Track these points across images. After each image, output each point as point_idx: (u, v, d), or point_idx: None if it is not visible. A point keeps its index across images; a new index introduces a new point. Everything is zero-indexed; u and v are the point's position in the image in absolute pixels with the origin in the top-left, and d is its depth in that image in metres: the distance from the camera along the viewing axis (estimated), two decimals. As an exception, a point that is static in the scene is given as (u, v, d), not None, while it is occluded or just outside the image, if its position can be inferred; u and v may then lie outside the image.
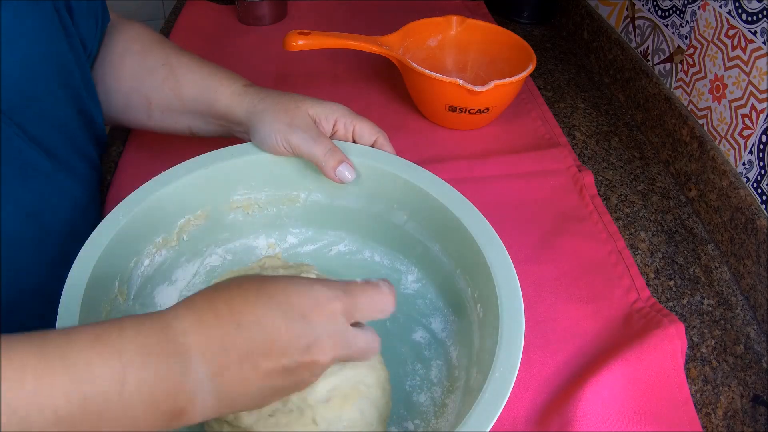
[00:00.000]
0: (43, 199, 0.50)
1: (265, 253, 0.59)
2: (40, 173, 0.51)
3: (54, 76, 0.53)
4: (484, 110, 0.74)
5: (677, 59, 0.75)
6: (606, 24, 0.92)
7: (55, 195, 0.52)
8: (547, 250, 0.63)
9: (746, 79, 0.62)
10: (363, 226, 0.58)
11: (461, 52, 0.84)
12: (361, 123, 0.55)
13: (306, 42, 0.74)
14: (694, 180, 0.70)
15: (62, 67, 0.54)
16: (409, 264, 0.57)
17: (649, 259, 0.64)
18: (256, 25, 0.98)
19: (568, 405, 0.49)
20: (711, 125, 0.68)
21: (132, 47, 0.62)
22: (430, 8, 1.02)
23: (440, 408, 0.48)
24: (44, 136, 0.52)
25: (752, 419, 0.52)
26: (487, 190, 0.69)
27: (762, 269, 0.58)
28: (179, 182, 0.51)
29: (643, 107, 0.81)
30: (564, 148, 0.75)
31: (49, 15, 0.52)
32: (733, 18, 0.64)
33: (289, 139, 0.52)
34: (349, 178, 0.52)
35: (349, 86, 0.85)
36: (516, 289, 0.44)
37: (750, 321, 0.59)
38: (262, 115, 0.54)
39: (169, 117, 0.61)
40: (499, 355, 0.40)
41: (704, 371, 0.55)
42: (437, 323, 0.54)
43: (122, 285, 0.48)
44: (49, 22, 0.52)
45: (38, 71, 0.51)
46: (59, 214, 0.52)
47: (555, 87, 0.90)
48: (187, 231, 0.54)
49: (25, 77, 0.49)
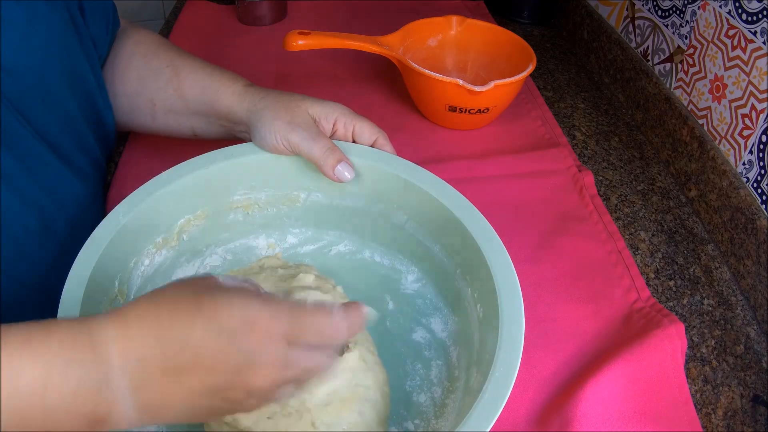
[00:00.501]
0: (46, 192, 0.51)
1: (265, 253, 0.59)
2: (46, 166, 0.51)
3: (65, 75, 0.53)
4: (484, 110, 0.74)
5: (677, 59, 0.75)
6: (606, 24, 0.92)
7: (59, 189, 0.53)
8: (547, 250, 0.63)
9: (746, 79, 0.62)
10: (363, 226, 0.58)
11: (461, 52, 0.84)
12: (361, 123, 0.55)
13: (306, 42, 0.74)
14: (694, 180, 0.70)
15: (73, 67, 0.54)
16: (409, 264, 0.57)
17: (649, 259, 0.64)
18: (256, 25, 0.98)
19: (568, 405, 0.49)
20: (711, 125, 0.69)
21: (139, 51, 0.63)
22: (430, 8, 1.02)
23: (440, 408, 0.48)
24: (51, 131, 0.52)
25: (752, 419, 0.52)
26: (487, 190, 0.69)
27: (762, 269, 0.58)
28: (179, 182, 0.51)
29: (643, 107, 0.81)
30: (564, 148, 0.75)
31: (62, 14, 0.52)
32: (733, 18, 0.64)
33: (289, 137, 0.52)
34: (348, 178, 0.52)
35: (349, 86, 0.85)
36: (516, 289, 0.44)
37: (750, 321, 0.59)
38: (262, 113, 0.54)
39: (173, 119, 0.62)
40: (499, 355, 0.40)
41: (704, 371, 0.55)
42: (437, 323, 0.53)
43: (122, 285, 0.48)
44: (62, 22, 0.52)
45: (49, 69, 0.51)
46: (62, 208, 0.53)
47: (555, 87, 0.90)
48: (187, 231, 0.54)
49: (36, 74, 0.50)
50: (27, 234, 0.49)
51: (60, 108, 0.53)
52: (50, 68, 0.51)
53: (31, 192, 0.49)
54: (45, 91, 0.51)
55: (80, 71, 0.56)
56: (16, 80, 0.48)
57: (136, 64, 0.62)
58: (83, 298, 0.42)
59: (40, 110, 0.50)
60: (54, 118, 0.52)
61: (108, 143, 0.63)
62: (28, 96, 0.49)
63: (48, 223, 0.51)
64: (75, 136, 0.56)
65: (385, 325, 0.54)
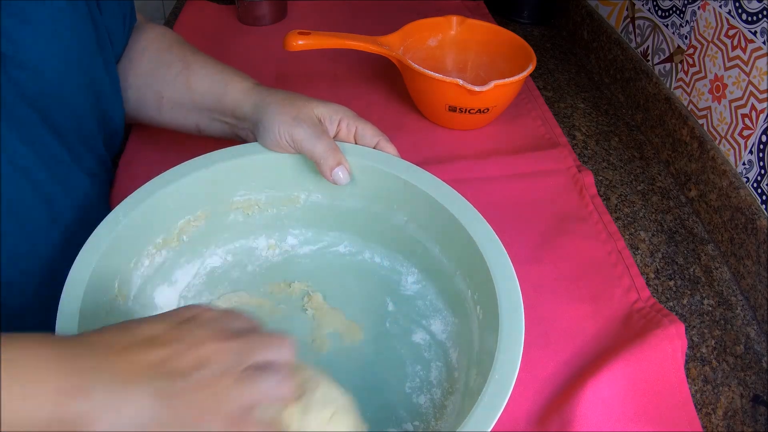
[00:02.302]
0: (57, 184, 0.51)
1: (265, 254, 0.59)
2: (60, 163, 0.52)
3: (82, 76, 0.54)
4: (484, 110, 0.74)
5: (677, 59, 0.75)
6: (606, 24, 0.92)
7: (70, 185, 0.53)
8: (547, 250, 0.63)
9: (746, 79, 0.62)
10: (363, 227, 0.58)
11: (461, 52, 0.84)
12: (363, 125, 0.55)
13: (306, 42, 0.74)
14: (694, 180, 0.70)
15: (90, 67, 0.55)
16: (409, 265, 0.57)
17: (649, 259, 0.64)
18: (256, 25, 0.98)
19: (568, 405, 0.49)
20: (711, 125, 0.68)
21: (153, 45, 0.64)
22: (430, 8, 1.02)
23: (440, 409, 0.48)
24: (63, 127, 0.53)
25: (752, 419, 0.52)
26: (487, 191, 0.69)
27: (762, 269, 0.58)
28: (179, 183, 0.51)
29: (643, 107, 0.81)
30: (564, 148, 0.75)
31: (82, 11, 0.53)
32: (733, 18, 0.64)
33: (293, 132, 0.53)
34: (343, 181, 0.53)
35: (349, 86, 0.85)
36: (516, 290, 0.44)
37: (750, 321, 0.59)
38: (268, 107, 0.55)
39: (179, 112, 0.62)
40: (499, 357, 0.40)
41: (704, 371, 0.55)
42: (437, 324, 0.54)
43: (122, 285, 0.48)
44: (83, 20, 0.53)
45: (69, 69, 0.52)
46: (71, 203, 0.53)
47: (555, 87, 0.90)
48: (188, 231, 0.54)
49: (57, 74, 0.51)
50: (34, 225, 0.49)
51: (73, 107, 0.54)
52: (70, 69, 0.52)
53: (44, 185, 0.50)
54: (62, 91, 0.52)
55: (95, 71, 0.56)
56: (38, 79, 0.49)
57: (148, 58, 0.63)
58: (83, 298, 0.42)
59: (56, 108, 0.51)
60: (67, 116, 0.53)
61: (114, 143, 0.64)
62: (48, 95, 0.50)
63: (55, 216, 0.51)
64: (84, 135, 0.56)
65: (384, 326, 0.54)
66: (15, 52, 0.47)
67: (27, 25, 0.47)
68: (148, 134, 0.73)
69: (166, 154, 0.68)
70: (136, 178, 0.54)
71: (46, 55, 0.49)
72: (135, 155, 0.72)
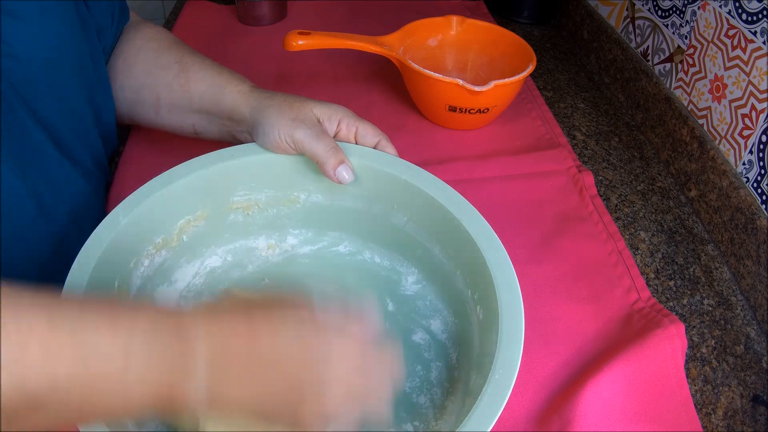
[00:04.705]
0: (44, 180, 0.51)
1: (265, 254, 0.59)
2: (45, 156, 0.52)
3: (76, 68, 0.54)
4: (484, 110, 0.74)
5: (677, 59, 0.75)
6: (606, 24, 0.92)
7: (58, 180, 0.53)
8: (547, 250, 0.63)
9: (746, 79, 0.62)
10: (363, 227, 0.58)
11: (461, 52, 0.84)
12: (363, 125, 0.55)
13: (306, 42, 0.74)
14: (694, 180, 0.70)
15: (78, 60, 0.55)
16: (409, 265, 0.57)
17: (649, 259, 0.64)
18: (256, 25, 0.98)
19: (568, 405, 0.49)
20: (711, 125, 0.68)
21: (148, 45, 0.63)
22: (430, 8, 1.02)
23: (440, 409, 0.48)
24: (55, 124, 0.53)
25: (752, 419, 0.52)
26: (487, 191, 0.69)
27: (762, 269, 0.58)
28: (179, 183, 0.51)
29: (643, 107, 0.81)
30: (564, 149, 0.75)
31: (70, 7, 0.53)
32: (733, 18, 0.64)
33: (293, 134, 0.53)
34: (347, 179, 0.53)
35: (349, 86, 0.85)
36: (516, 290, 0.44)
37: (750, 321, 0.59)
38: (267, 110, 0.55)
39: (176, 115, 0.62)
40: (499, 357, 0.40)
41: (704, 371, 0.55)
42: (437, 325, 0.54)
43: (122, 285, 0.48)
44: (71, 14, 0.53)
45: (60, 61, 0.52)
46: (61, 199, 0.53)
47: (555, 87, 0.90)
48: (187, 232, 0.54)
49: (46, 65, 0.51)
50: (24, 217, 0.49)
51: (66, 101, 0.54)
52: (61, 61, 0.52)
53: (29, 178, 0.49)
54: (53, 83, 0.52)
55: (84, 65, 0.56)
56: (25, 69, 0.49)
57: (144, 58, 0.62)
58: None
59: (46, 101, 0.51)
60: (59, 110, 0.53)
61: (109, 139, 0.63)
62: (36, 86, 0.50)
63: (46, 210, 0.51)
64: (79, 131, 0.56)
65: (384, 326, 0.54)
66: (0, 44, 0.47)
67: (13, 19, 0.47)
68: (148, 134, 0.73)
69: (166, 154, 0.69)
70: (136, 178, 0.54)
71: (33, 46, 0.49)
72: (134, 155, 0.72)
